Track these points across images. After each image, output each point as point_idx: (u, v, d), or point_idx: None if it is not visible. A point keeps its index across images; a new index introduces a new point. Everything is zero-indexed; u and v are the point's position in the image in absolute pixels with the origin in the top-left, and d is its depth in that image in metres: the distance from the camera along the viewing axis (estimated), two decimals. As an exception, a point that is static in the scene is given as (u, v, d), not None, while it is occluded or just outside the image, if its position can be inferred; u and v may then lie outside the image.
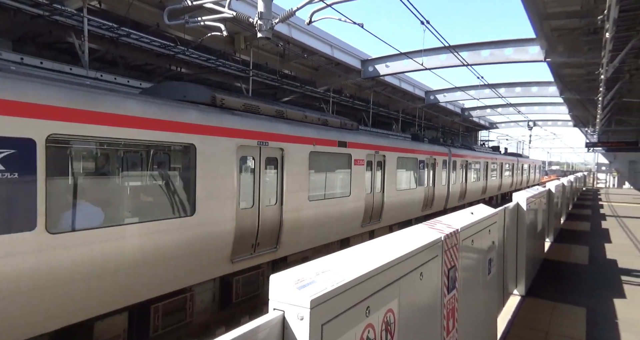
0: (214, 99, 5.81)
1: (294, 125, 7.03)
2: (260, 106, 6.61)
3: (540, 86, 22.60)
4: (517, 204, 5.79)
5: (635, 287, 6.63)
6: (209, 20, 7.55)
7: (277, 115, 7.00)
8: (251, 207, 6.09)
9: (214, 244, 5.43)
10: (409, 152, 11.65)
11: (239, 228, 5.80)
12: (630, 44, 8.12)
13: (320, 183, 8.01)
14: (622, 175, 40.78)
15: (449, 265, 2.94)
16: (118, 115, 4.38)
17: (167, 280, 4.87)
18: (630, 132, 23.87)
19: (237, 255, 5.91)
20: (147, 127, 4.64)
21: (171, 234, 4.86)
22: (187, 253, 5.07)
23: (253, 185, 6.12)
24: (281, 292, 1.52)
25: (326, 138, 7.78)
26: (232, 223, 5.66)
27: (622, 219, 15.36)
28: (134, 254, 4.45)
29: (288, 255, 7.04)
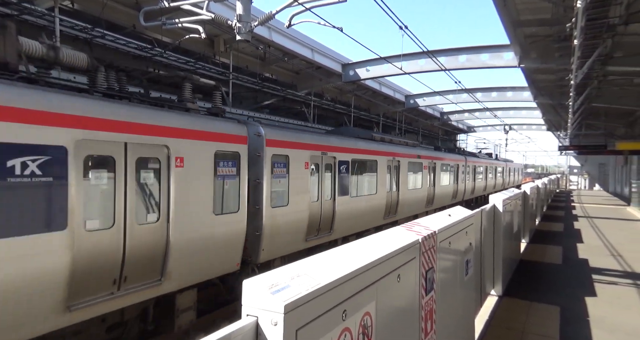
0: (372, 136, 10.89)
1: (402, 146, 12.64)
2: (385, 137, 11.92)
3: (515, 91, 23.28)
4: (493, 206, 5.90)
5: (605, 285, 6.86)
6: (187, 22, 7.45)
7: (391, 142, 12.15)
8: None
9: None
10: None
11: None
12: (597, 51, 8.46)
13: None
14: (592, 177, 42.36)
15: (427, 267, 2.96)
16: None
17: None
18: (599, 136, 24.83)
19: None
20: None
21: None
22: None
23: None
24: (254, 298, 1.49)
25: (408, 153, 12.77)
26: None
27: (593, 220, 15.92)
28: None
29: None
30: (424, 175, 13.96)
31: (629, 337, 4.72)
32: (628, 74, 13.64)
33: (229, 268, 6.04)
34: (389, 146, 11.59)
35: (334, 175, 8.55)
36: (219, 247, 5.74)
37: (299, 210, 7.39)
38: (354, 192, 9.37)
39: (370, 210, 10.17)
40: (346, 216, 8.98)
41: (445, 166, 16.20)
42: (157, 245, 4.83)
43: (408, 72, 15.00)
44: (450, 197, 17.04)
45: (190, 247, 5.24)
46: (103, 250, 4.29)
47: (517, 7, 9.27)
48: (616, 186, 35.43)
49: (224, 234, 5.81)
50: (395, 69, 14.30)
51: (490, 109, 27.69)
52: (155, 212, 4.88)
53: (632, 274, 7.62)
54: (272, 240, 6.79)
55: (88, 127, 4.19)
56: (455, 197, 17.87)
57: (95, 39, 8.63)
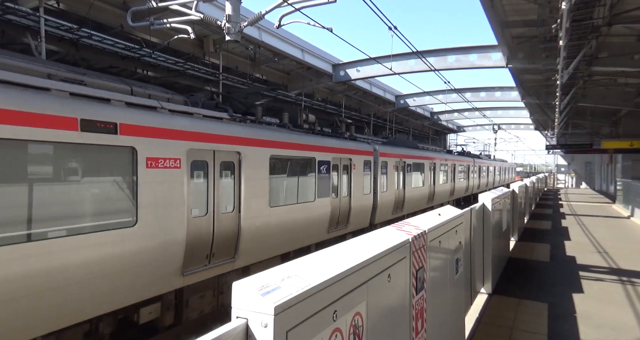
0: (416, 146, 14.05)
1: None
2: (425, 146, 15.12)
3: (504, 91, 23.58)
4: (482, 205, 5.96)
5: (592, 281, 6.99)
6: (176, 22, 7.38)
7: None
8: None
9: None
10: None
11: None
12: (582, 52, 8.61)
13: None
14: (579, 176, 43.09)
15: (417, 266, 2.98)
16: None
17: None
18: (585, 135, 25.28)
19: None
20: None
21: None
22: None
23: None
24: (244, 300, 1.49)
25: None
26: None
27: (579, 217, 16.20)
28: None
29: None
30: (448, 174, 19.18)
31: (614, 332, 4.81)
32: (612, 74, 13.93)
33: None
34: (428, 152, 16.68)
35: (404, 173, 13.54)
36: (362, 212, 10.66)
37: (390, 194, 12.35)
38: (412, 184, 14.43)
39: (422, 196, 15.56)
40: (412, 199, 14.30)
41: (461, 166, 21.76)
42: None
43: (398, 73, 15.09)
44: (464, 190, 22.35)
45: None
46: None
47: (505, 8, 9.39)
48: (602, 184, 36.08)
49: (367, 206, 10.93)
50: (385, 70, 14.38)
51: (479, 109, 28.00)
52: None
53: (617, 271, 7.77)
54: (380, 212, 11.67)
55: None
56: (467, 191, 23.11)
57: (82, 40, 8.51)
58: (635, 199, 15.95)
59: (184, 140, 5.35)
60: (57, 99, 4.14)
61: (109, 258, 4.44)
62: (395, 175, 12.83)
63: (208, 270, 5.78)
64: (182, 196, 5.26)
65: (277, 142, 7.31)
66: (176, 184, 5.24)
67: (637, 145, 19.00)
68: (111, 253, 4.45)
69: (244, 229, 6.31)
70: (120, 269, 4.55)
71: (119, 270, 4.54)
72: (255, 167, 6.63)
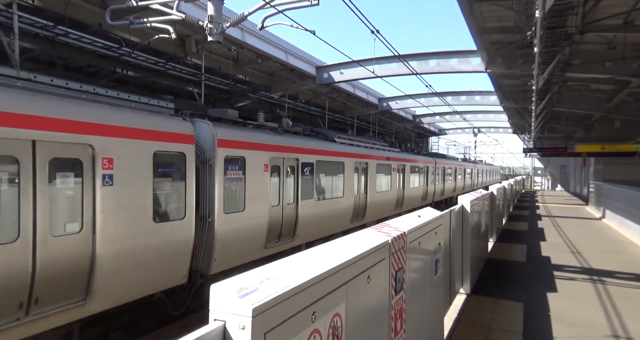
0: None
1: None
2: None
3: (483, 95, 24.09)
4: (462, 207, 6.08)
5: (565, 281, 7.21)
6: (156, 22, 7.26)
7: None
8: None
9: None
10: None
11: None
12: (556, 58, 8.92)
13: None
14: (555, 178, 44.40)
15: (397, 267, 3.02)
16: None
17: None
18: (560, 139, 26.08)
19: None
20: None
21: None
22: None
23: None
24: (222, 302, 1.48)
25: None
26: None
27: (555, 219, 16.69)
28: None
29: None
30: (455, 176, 24.22)
31: (585, 330, 4.99)
32: (585, 80, 14.44)
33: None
34: (435, 158, 20.88)
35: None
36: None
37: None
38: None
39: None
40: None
41: (467, 169, 28.68)
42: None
43: (380, 76, 15.24)
44: (462, 188, 26.99)
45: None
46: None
47: (483, 14, 9.63)
48: (576, 187, 37.26)
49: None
50: (368, 73, 14.50)
51: (459, 113, 28.54)
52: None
53: (589, 270, 8.04)
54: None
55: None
56: (463, 189, 27.60)
57: (58, 37, 8.28)
58: (606, 201, 16.53)
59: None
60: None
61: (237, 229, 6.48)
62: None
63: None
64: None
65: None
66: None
67: (608, 149, 19.73)
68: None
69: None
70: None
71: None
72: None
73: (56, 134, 4.00)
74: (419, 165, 17.49)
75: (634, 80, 12.30)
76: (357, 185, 11.58)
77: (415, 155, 17.71)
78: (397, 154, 15.35)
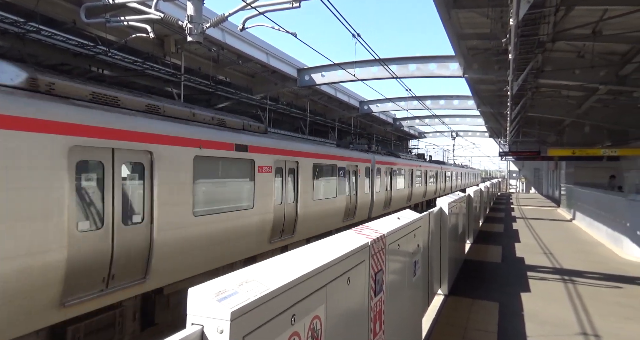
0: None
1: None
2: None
3: (461, 100, 24.68)
4: (440, 209, 6.19)
5: (538, 281, 7.44)
6: (134, 20, 7.11)
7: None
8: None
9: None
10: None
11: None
12: (530, 65, 9.23)
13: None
14: (529, 181, 45.80)
15: (376, 269, 3.05)
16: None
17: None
18: (534, 143, 26.96)
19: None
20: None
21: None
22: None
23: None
24: (200, 306, 1.46)
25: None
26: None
27: (528, 221, 17.21)
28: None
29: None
30: (447, 178, 29.71)
31: (556, 328, 5.16)
32: (556, 87, 14.99)
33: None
34: (427, 163, 23.16)
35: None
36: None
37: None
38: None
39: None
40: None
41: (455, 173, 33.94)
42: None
43: (361, 79, 15.39)
44: (451, 188, 31.18)
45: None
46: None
47: (460, 21, 9.87)
48: (549, 189, 38.53)
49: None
50: (349, 76, 14.63)
51: (438, 116, 29.11)
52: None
53: (560, 270, 8.33)
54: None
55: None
56: (451, 189, 31.26)
57: (29, 34, 8.00)
58: (577, 203, 17.17)
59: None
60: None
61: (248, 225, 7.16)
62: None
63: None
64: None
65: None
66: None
67: (578, 153, 20.50)
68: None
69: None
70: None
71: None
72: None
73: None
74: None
75: (601, 88, 12.85)
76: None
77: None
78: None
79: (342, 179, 11.56)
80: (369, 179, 13.93)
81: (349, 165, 12.16)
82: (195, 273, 5.99)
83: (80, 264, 4.35)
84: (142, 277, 5.14)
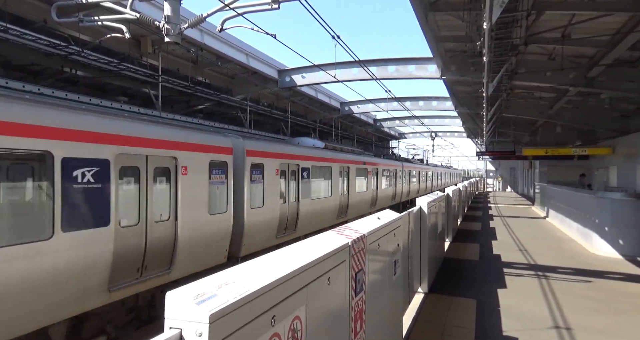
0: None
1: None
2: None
3: (439, 101, 25.13)
4: (419, 208, 6.29)
5: (514, 277, 7.67)
6: (108, 20, 6.93)
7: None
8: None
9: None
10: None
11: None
12: (504, 67, 9.50)
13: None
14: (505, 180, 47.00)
15: (357, 268, 3.08)
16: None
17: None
18: (509, 143, 27.71)
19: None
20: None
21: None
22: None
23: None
24: (178, 309, 1.45)
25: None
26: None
27: (505, 219, 17.68)
28: None
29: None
30: (438, 177, 33.28)
31: (531, 323, 5.33)
32: (530, 89, 15.48)
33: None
34: (423, 165, 26.04)
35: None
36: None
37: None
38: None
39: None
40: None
41: (443, 174, 38.27)
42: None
43: (341, 80, 15.48)
44: (438, 186, 33.96)
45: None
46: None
47: (438, 23, 10.07)
48: (524, 188, 39.67)
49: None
50: (330, 77, 14.69)
51: (417, 117, 29.53)
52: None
53: (535, 266, 8.60)
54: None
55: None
56: (438, 187, 34.35)
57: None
58: (550, 201, 17.75)
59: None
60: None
61: (259, 222, 8.15)
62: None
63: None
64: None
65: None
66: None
67: (551, 152, 21.19)
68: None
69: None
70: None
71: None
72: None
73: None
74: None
75: (571, 89, 13.34)
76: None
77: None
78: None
79: (392, 177, 19.74)
80: (401, 179, 20.63)
81: (394, 169, 19.56)
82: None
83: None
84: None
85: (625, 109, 15.65)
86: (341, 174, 13.11)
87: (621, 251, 9.78)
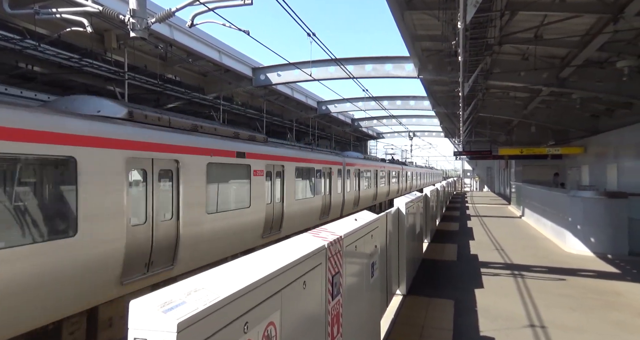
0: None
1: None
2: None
3: (417, 100, 25.42)
4: (397, 209, 6.21)
5: (491, 277, 7.73)
6: (68, 13, 6.52)
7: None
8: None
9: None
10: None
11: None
12: (479, 67, 9.62)
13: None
14: (482, 180, 48.05)
15: (333, 271, 2.96)
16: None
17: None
18: (485, 143, 28.28)
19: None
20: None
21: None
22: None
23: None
24: (143, 319, 1.34)
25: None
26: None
27: (482, 218, 17.98)
28: None
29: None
30: (425, 177, 39.89)
31: (507, 322, 5.35)
32: (504, 88, 15.81)
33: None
34: (403, 165, 26.78)
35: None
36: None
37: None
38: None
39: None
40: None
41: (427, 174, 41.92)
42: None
43: (318, 79, 15.37)
44: (422, 185, 36.58)
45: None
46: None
47: (414, 22, 10.11)
48: (500, 187, 40.65)
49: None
50: (306, 75, 14.55)
51: (395, 117, 29.80)
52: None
53: (510, 265, 8.71)
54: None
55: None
56: (423, 186, 36.68)
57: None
58: (525, 200, 18.15)
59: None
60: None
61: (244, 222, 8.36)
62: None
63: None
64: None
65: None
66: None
67: (526, 152, 21.74)
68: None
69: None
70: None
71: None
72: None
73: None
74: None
75: (544, 89, 13.69)
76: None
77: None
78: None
79: (372, 178, 20.15)
80: (383, 179, 21.18)
81: (374, 169, 19.86)
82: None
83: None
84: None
85: (595, 109, 16.20)
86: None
87: (593, 249, 10.02)
